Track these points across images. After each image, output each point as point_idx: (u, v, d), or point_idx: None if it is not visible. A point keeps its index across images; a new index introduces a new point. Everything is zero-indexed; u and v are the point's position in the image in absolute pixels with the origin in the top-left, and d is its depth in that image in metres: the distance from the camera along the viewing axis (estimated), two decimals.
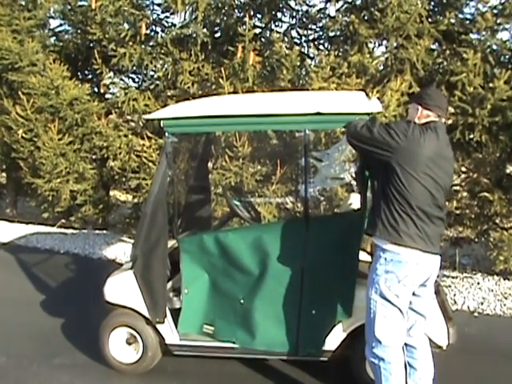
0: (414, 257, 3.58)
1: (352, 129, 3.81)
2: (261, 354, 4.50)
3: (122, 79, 10.49)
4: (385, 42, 7.92)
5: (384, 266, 3.63)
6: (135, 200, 9.73)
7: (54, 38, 11.45)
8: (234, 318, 4.49)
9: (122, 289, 4.70)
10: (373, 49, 8.11)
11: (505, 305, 6.38)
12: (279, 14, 9.05)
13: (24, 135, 9.71)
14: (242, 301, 4.46)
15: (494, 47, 7.38)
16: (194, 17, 8.65)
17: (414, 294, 3.72)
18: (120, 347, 4.78)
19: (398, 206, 3.56)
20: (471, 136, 7.17)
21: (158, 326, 4.58)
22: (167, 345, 4.65)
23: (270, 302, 4.34)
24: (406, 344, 3.85)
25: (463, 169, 8.21)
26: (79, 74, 10.90)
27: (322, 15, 8.65)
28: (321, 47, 8.86)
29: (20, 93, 9.69)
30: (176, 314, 4.55)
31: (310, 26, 8.96)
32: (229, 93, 7.61)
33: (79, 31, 10.55)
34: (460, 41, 7.55)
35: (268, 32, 8.97)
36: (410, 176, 3.51)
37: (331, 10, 8.51)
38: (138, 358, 4.72)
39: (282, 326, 4.37)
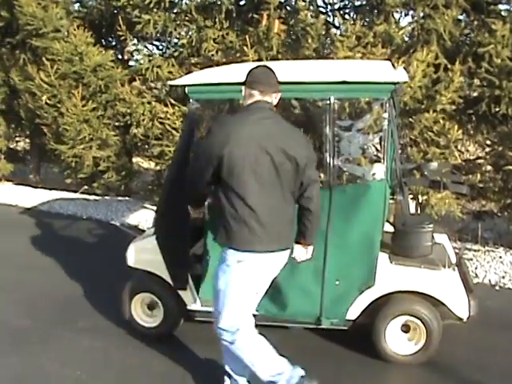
0: (254, 259, 3.43)
1: None
2: (283, 322, 4.54)
3: (145, 46, 10.50)
4: (411, 12, 7.80)
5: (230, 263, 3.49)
6: (158, 167, 9.80)
7: (78, 4, 11.47)
8: None
9: (145, 254, 4.75)
10: (399, 18, 8.03)
11: None
12: None
13: (48, 101, 9.78)
14: None
15: None
16: None
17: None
18: (142, 312, 4.83)
19: (228, 205, 3.39)
20: (497, 109, 7.08)
21: (180, 292, 4.61)
22: (189, 311, 4.69)
23: (293, 271, 4.34)
24: None
25: (488, 142, 8.12)
26: (103, 40, 10.94)
27: None
28: (346, 16, 8.76)
29: (44, 59, 9.75)
30: (198, 280, 4.57)
31: None
32: (253, 61, 7.55)
33: None
34: (488, 11, 7.42)
35: (293, 0, 8.86)
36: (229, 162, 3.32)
37: None
38: (159, 323, 4.76)
39: (305, 296, 4.38)
